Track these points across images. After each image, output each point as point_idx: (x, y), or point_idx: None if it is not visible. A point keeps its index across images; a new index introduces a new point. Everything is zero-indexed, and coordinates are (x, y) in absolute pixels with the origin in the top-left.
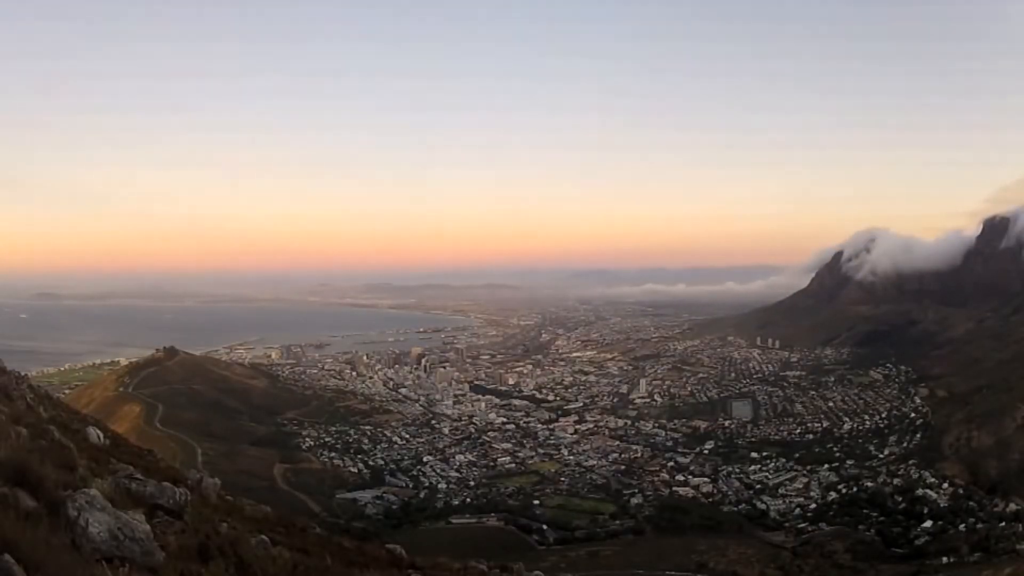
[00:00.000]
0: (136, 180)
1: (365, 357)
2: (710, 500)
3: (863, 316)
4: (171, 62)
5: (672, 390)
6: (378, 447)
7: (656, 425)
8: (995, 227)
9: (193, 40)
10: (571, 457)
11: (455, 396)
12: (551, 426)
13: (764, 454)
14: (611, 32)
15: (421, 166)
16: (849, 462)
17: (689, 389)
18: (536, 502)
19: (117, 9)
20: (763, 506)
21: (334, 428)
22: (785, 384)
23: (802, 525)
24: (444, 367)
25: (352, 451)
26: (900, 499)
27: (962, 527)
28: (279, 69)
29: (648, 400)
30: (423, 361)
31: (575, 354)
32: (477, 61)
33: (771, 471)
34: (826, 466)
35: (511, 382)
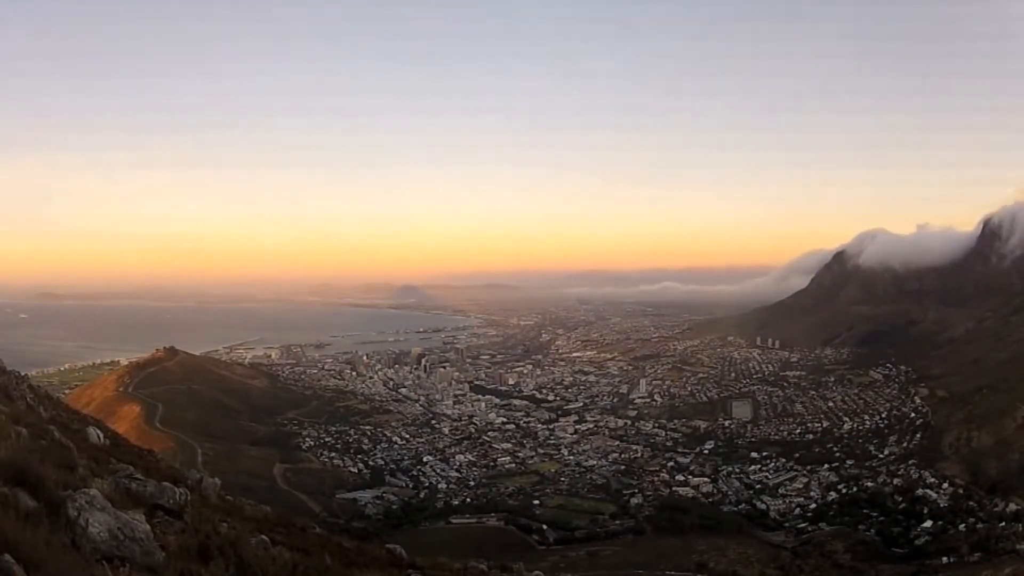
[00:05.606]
0: (137, 181)
1: (365, 357)
2: (710, 500)
3: (863, 316)
4: (172, 63)
5: (672, 390)
6: (378, 447)
7: (656, 425)
8: (995, 227)
9: (193, 41)
10: (571, 457)
11: (455, 396)
12: (551, 426)
13: (764, 454)
14: (607, 33)
15: (420, 167)
16: (849, 462)
17: (689, 389)
18: (536, 502)
19: (118, 9)
20: (763, 506)
21: (334, 428)
22: (785, 384)
23: (802, 525)
24: (444, 367)
25: (352, 451)
26: (900, 499)
27: (962, 527)
28: (279, 71)
29: (648, 400)
30: (423, 361)
31: (575, 354)
32: (476, 64)
33: (771, 471)
34: (826, 466)
35: (511, 382)
